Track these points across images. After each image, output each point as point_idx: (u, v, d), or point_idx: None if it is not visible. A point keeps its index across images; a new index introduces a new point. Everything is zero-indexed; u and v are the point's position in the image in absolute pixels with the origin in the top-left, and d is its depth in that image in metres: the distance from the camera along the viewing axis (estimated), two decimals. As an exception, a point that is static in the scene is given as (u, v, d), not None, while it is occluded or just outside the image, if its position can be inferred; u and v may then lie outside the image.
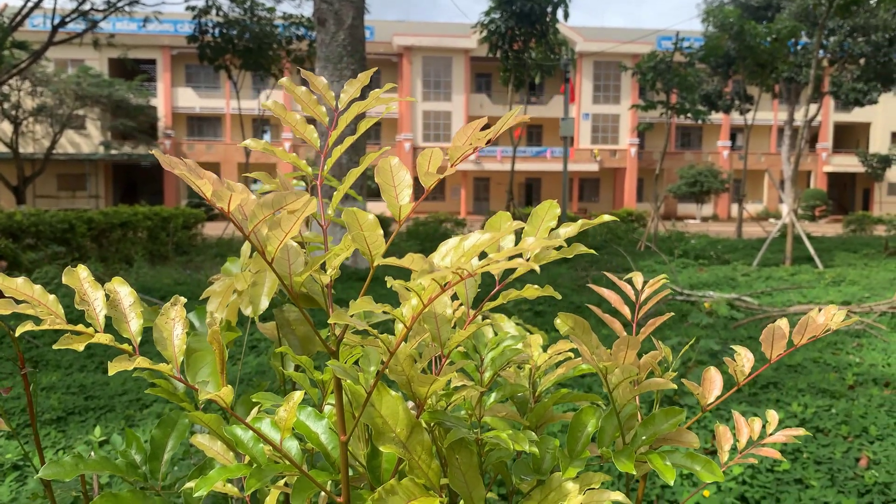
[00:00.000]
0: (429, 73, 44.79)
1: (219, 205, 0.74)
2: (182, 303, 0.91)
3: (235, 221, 0.79)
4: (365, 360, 0.94)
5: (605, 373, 1.02)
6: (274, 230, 0.80)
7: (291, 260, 0.93)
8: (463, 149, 0.85)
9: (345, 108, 1.11)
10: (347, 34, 10.71)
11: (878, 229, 26.98)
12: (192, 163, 0.77)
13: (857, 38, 30.74)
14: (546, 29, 21.44)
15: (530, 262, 0.71)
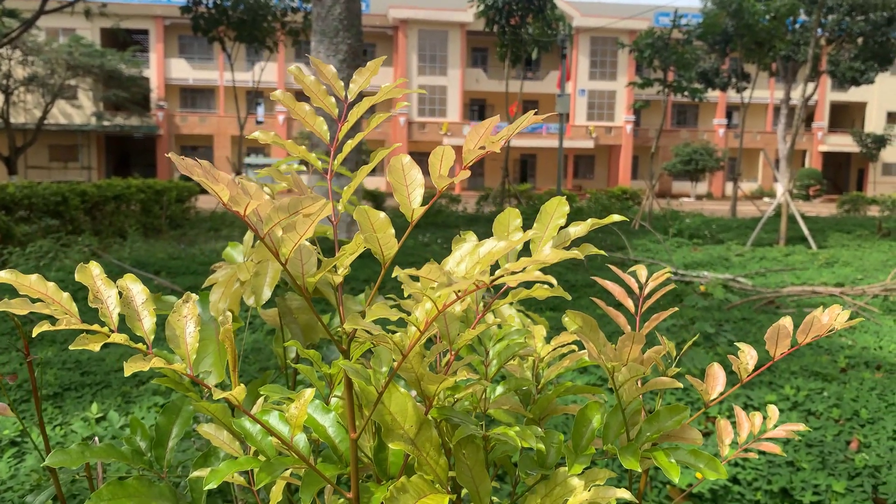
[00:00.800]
0: (424, 46, 44.45)
1: (235, 208, 0.74)
2: (194, 300, 0.91)
3: (250, 224, 0.79)
4: (376, 359, 0.94)
5: (612, 371, 1.03)
6: (289, 233, 0.80)
7: (304, 260, 0.93)
8: (475, 151, 0.85)
9: (356, 100, 1.11)
10: (343, 8, 10.60)
11: (872, 210, 27.08)
12: (208, 164, 0.77)
13: (855, 17, 30.62)
14: (543, 4, 21.26)
15: (547, 277, 0.71)
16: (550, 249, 0.75)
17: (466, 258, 0.78)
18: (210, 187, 0.72)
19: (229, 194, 0.73)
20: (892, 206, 25.14)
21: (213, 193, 0.74)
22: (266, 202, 0.78)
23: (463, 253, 0.80)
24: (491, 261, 0.75)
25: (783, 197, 14.44)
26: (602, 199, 23.41)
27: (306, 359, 2.19)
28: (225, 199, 0.73)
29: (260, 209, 0.80)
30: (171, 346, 0.88)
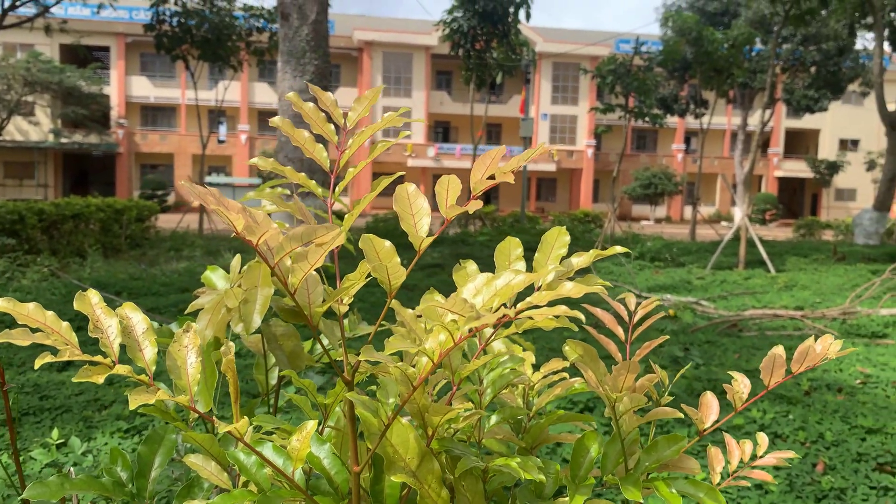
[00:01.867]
0: (389, 68, 44.62)
1: (248, 238, 0.72)
2: (195, 329, 0.89)
3: (261, 253, 0.78)
4: (382, 391, 0.93)
5: (614, 402, 1.03)
6: (300, 262, 0.79)
7: (311, 290, 0.92)
8: (484, 181, 0.85)
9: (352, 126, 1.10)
10: (311, 29, 10.61)
11: (827, 234, 27.73)
12: (217, 192, 0.76)
13: (808, 47, 31.56)
14: (508, 29, 21.52)
15: (575, 312, 0.71)
16: (574, 284, 0.75)
17: (483, 290, 0.78)
18: (224, 215, 0.70)
19: (243, 223, 0.71)
20: (846, 231, 25.79)
21: (227, 222, 0.72)
22: (277, 231, 0.77)
23: (478, 285, 0.80)
24: (510, 294, 0.74)
25: (742, 221, 14.72)
26: (565, 222, 23.62)
27: (286, 385, 2.14)
28: (239, 227, 0.71)
29: (270, 239, 0.79)
30: (172, 377, 0.86)
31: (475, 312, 0.69)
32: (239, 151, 44.33)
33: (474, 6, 20.65)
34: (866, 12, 21.72)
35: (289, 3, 10.47)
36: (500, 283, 0.76)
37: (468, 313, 0.70)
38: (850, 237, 24.28)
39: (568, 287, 0.73)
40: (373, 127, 1.03)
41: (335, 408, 1.17)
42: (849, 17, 23.76)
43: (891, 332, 7.32)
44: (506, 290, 0.75)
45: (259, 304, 1.32)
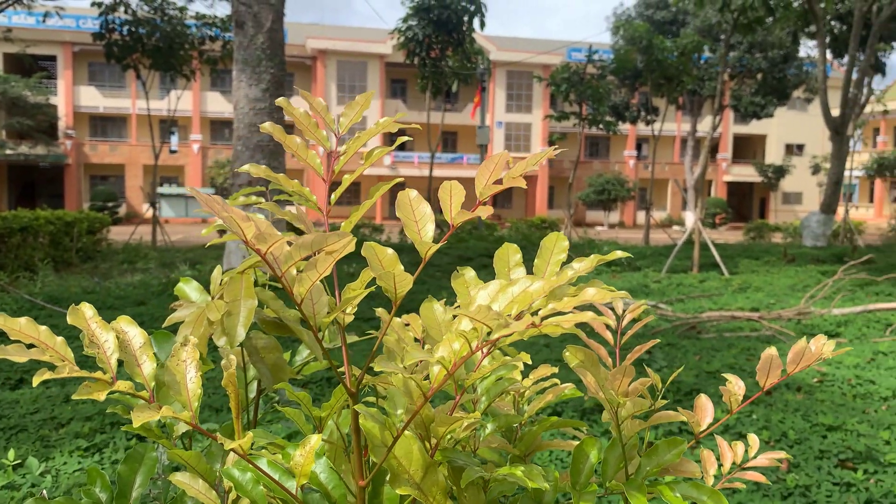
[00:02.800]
0: (343, 77, 44.46)
1: (258, 246, 0.70)
2: (193, 343, 0.85)
3: (269, 262, 0.75)
4: (390, 402, 0.91)
5: (616, 407, 1.03)
6: (308, 271, 0.77)
7: (315, 299, 0.90)
8: (490, 187, 0.83)
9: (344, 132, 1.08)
10: (266, 37, 10.50)
11: (776, 237, 28.39)
12: (221, 200, 0.73)
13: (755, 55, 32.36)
14: (463, 38, 21.62)
15: (602, 318, 0.70)
16: (596, 289, 0.74)
17: (499, 297, 0.76)
18: (237, 225, 0.68)
19: (254, 232, 0.69)
20: (794, 233, 26.44)
21: (235, 230, 0.70)
22: (283, 240, 0.74)
23: (492, 292, 0.78)
24: (529, 301, 0.73)
25: (695, 225, 14.97)
26: (522, 228, 23.78)
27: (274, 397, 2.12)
28: (249, 236, 0.69)
29: (276, 248, 0.76)
30: (172, 393, 0.83)
31: (503, 320, 0.68)
32: (192, 161, 43.68)
33: (429, 15, 20.70)
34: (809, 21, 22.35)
35: (244, 11, 10.35)
36: (516, 290, 0.75)
37: (493, 321, 0.68)
38: (798, 239, 24.90)
39: (591, 293, 0.72)
40: (369, 132, 1.02)
41: (328, 421, 1.15)
42: (793, 25, 24.43)
43: (843, 331, 7.51)
44: (524, 298, 0.73)
45: (243, 316, 1.28)
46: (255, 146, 10.42)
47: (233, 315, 1.26)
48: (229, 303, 1.29)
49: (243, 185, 10.40)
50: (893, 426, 4.44)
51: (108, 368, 0.78)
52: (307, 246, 0.73)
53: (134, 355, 0.82)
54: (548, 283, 0.73)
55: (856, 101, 21.56)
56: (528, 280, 0.76)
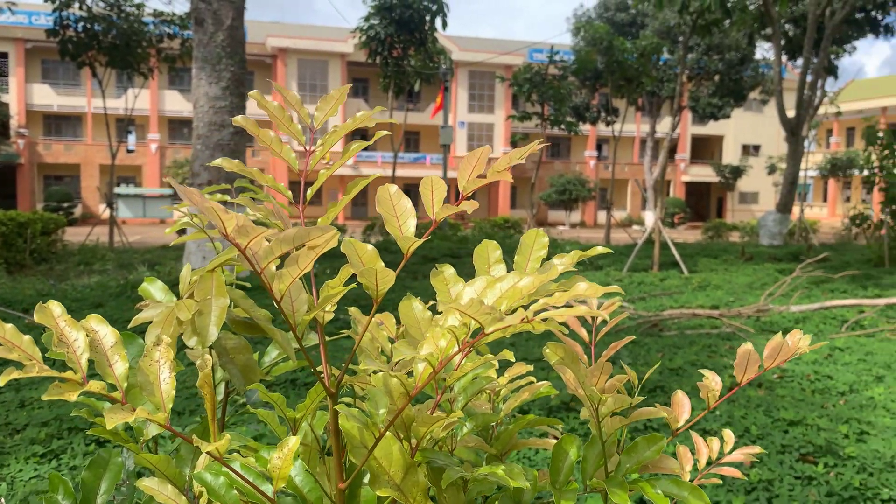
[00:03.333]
0: (304, 76, 44.12)
1: (238, 240, 0.67)
2: (167, 342, 0.82)
3: (248, 258, 0.73)
4: (371, 402, 0.89)
5: (597, 403, 1.02)
6: (289, 267, 0.74)
7: (294, 297, 0.87)
8: (476, 182, 0.82)
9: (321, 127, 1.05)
10: (227, 35, 10.37)
11: (733, 236, 28.88)
12: (196, 191, 0.71)
13: (712, 56, 32.88)
14: (425, 37, 21.60)
15: (598, 311, 0.69)
16: (588, 284, 0.73)
17: (487, 293, 0.75)
18: (217, 218, 0.65)
19: (234, 225, 0.66)
20: (751, 232, 26.93)
21: (216, 223, 0.67)
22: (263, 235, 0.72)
23: (478, 288, 0.77)
24: (519, 297, 0.71)
25: (656, 224, 15.15)
26: (486, 228, 23.84)
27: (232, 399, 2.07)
28: (229, 229, 0.66)
29: (254, 243, 0.74)
30: (145, 394, 0.80)
31: (498, 314, 0.66)
32: (149, 161, 42.96)
33: (391, 14, 20.65)
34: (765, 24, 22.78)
35: (203, 8, 10.20)
36: (505, 286, 0.74)
37: (485, 316, 0.67)
38: (755, 238, 25.37)
39: (583, 287, 0.71)
40: (346, 126, 0.99)
41: (303, 422, 1.12)
42: (749, 27, 24.88)
43: (801, 327, 7.64)
44: (513, 293, 0.72)
45: (215, 315, 1.25)
46: (216, 145, 10.28)
47: (204, 314, 1.23)
48: (200, 302, 1.26)
49: (203, 184, 10.25)
50: (851, 420, 4.53)
51: (78, 368, 0.75)
52: (289, 241, 0.71)
53: (105, 355, 0.78)
54: (537, 279, 0.72)
55: (810, 103, 22.03)
56: (515, 276, 0.75)
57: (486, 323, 0.67)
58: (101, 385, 0.71)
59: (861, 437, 4.27)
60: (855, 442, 4.18)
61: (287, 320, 0.83)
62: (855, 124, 51.79)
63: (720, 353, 6.44)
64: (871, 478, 3.66)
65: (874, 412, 4.83)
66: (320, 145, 1.01)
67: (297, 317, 0.85)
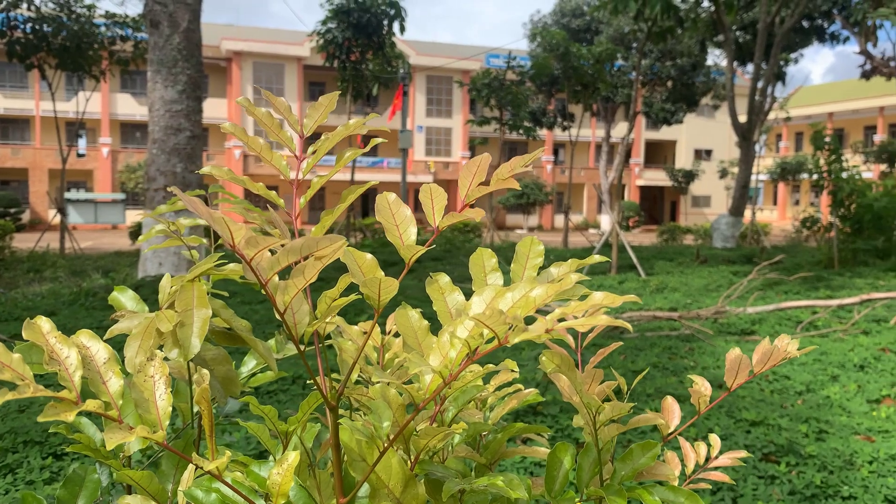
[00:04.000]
0: (260, 79, 43.67)
1: (245, 251, 0.65)
2: (160, 357, 0.80)
3: (254, 269, 0.70)
4: (374, 415, 0.87)
5: (595, 411, 1.02)
6: (295, 277, 0.72)
7: (295, 308, 0.85)
8: (477, 190, 0.81)
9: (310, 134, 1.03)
10: (183, 38, 10.20)
11: (687, 239, 29.36)
12: (200, 201, 0.68)
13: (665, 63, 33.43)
14: (383, 41, 21.54)
15: (621, 322, 0.68)
16: (604, 294, 0.72)
17: (498, 303, 0.73)
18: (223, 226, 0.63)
19: (243, 236, 0.64)
20: (705, 235, 27.42)
21: (221, 232, 0.65)
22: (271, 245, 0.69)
23: (487, 298, 0.75)
24: (532, 307, 0.70)
25: (613, 228, 15.33)
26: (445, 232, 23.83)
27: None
28: (237, 240, 0.64)
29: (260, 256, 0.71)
30: (140, 412, 0.77)
31: (521, 324, 0.65)
32: (101, 166, 42.06)
33: (349, 18, 20.54)
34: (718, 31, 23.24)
35: (159, 10, 10.02)
36: (516, 296, 0.72)
37: (502, 326, 0.65)
38: (708, 241, 25.82)
39: (599, 297, 0.70)
40: (338, 133, 0.97)
41: (294, 435, 1.10)
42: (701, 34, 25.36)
43: (758, 328, 7.81)
44: (526, 303, 0.71)
45: (197, 326, 1.21)
46: (172, 149, 10.11)
47: (186, 325, 1.19)
48: (181, 312, 1.22)
49: (159, 189, 10.07)
50: (811, 420, 4.63)
51: (71, 387, 0.71)
52: (296, 251, 0.69)
53: (98, 372, 0.75)
54: (552, 288, 0.71)
55: (761, 108, 22.53)
56: (527, 285, 0.74)
57: (501, 333, 0.66)
58: (98, 404, 0.68)
59: (820, 435, 4.36)
60: (815, 441, 4.27)
61: (290, 332, 0.81)
62: (803, 129, 53.18)
63: (680, 355, 6.54)
64: (831, 476, 3.74)
65: (831, 411, 4.94)
66: (312, 152, 0.99)
67: (298, 329, 0.83)
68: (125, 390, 0.76)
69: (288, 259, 0.69)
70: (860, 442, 4.25)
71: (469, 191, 0.84)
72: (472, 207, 0.82)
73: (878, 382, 5.60)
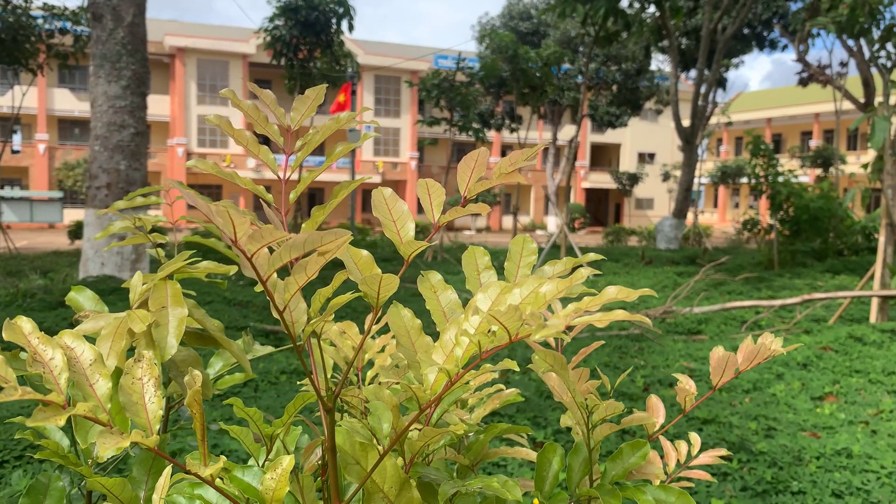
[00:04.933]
0: (204, 76, 42.87)
1: (248, 247, 0.62)
2: (149, 359, 0.75)
3: (254, 265, 0.67)
4: (374, 416, 0.83)
5: (589, 410, 1.00)
6: (296, 274, 0.69)
7: (292, 307, 0.81)
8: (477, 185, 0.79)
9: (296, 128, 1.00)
10: (127, 32, 9.93)
11: (632, 240, 29.85)
12: (197, 195, 0.64)
13: (610, 67, 33.95)
14: (331, 40, 21.37)
15: (639, 317, 0.67)
16: (618, 288, 0.70)
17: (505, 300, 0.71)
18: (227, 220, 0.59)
19: (245, 231, 0.61)
20: (649, 237, 27.93)
21: (224, 228, 0.61)
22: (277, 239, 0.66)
23: (492, 295, 0.73)
24: (543, 303, 0.69)
25: (562, 229, 15.50)
26: (392, 233, 23.73)
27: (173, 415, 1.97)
28: (240, 235, 0.61)
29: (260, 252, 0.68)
30: (129, 415, 0.72)
31: (540, 321, 0.63)
32: (37, 162, 40.73)
33: (296, 15, 20.31)
34: (663, 36, 23.70)
35: (102, 3, 9.74)
36: (524, 292, 0.70)
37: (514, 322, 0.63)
38: (652, 242, 26.31)
39: (612, 292, 0.69)
40: (328, 128, 0.94)
41: (277, 439, 1.06)
42: (647, 39, 25.82)
43: (704, 328, 7.97)
44: (535, 300, 0.69)
45: (173, 326, 1.17)
46: (115, 146, 9.84)
47: (161, 326, 1.15)
48: (155, 312, 1.17)
49: (102, 187, 9.79)
50: (760, 417, 4.73)
51: (57, 390, 0.67)
52: (299, 246, 0.66)
53: (84, 374, 0.71)
54: (562, 284, 0.69)
55: (703, 113, 23.05)
56: (535, 281, 0.72)
57: (513, 329, 0.64)
58: (88, 406, 0.64)
59: (769, 433, 4.47)
60: (764, 438, 4.37)
61: (288, 331, 0.77)
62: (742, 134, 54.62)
63: (630, 354, 6.63)
64: (781, 472, 3.83)
65: (778, 409, 5.07)
66: (300, 147, 0.96)
67: (296, 327, 0.80)
68: (113, 393, 0.72)
69: (290, 255, 0.66)
70: (807, 438, 4.36)
71: (469, 185, 0.81)
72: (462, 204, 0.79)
73: (821, 380, 5.76)
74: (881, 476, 3.80)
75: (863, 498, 3.55)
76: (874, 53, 8.20)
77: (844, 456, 4.06)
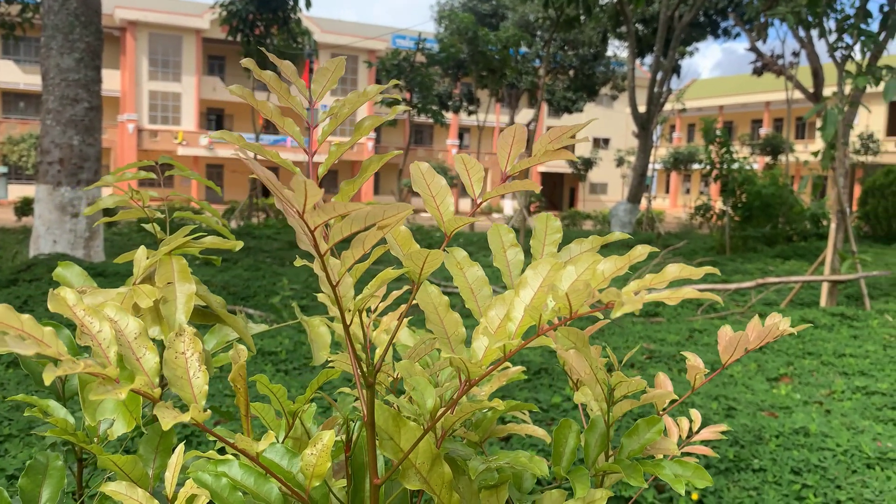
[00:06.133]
0: (156, 51, 41.85)
1: (311, 220, 0.61)
2: (190, 332, 0.74)
3: (316, 239, 0.66)
4: (417, 392, 0.83)
5: (613, 388, 1.02)
6: (354, 248, 0.68)
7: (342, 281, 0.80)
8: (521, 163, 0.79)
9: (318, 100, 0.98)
10: (80, 2, 9.62)
11: (587, 224, 30.20)
12: (262, 168, 0.63)
13: (567, 52, 34.12)
14: (288, 16, 21.05)
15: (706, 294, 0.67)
16: (680, 266, 0.71)
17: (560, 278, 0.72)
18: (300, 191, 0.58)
19: (309, 202, 0.60)
20: (603, 221, 28.29)
21: (287, 202, 0.60)
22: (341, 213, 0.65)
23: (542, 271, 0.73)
24: (601, 280, 0.69)
25: (521, 214, 15.60)
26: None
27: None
28: (308, 207, 0.60)
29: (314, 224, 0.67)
30: (175, 390, 0.71)
31: (620, 297, 0.63)
32: (-19, 138, 39.36)
33: (253, -9, 19.96)
34: (620, 22, 23.87)
35: (53, -29, 9.41)
36: (580, 269, 0.71)
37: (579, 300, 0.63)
38: (607, 227, 26.64)
39: (674, 270, 0.70)
40: (356, 99, 0.93)
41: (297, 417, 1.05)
42: (604, 25, 26.00)
43: (660, 310, 8.12)
44: (595, 277, 0.69)
45: (181, 302, 1.15)
46: (68, 121, 9.56)
47: (169, 301, 1.13)
48: (162, 288, 1.15)
49: (54, 162, 9.52)
50: (720, 397, 4.85)
51: (106, 363, 0.65)
52: (360, 220, 0.65)
53: (130, 347, 0.69)
54: (620, 262, 0.70)
55: (659, 100, 23.33)
56: (590, 257, 0.72)
57: (577, 306, 0.65)
58: (145, 380, 0.63)
59: (729, 412, 4.58)
60: (725, 417, 4.48)
61: (338, 304, 0.76)
62: (695, 121, 55.50)
63: (593, 336, 6.72)
64: (743, 450, 3.94)
65: (736, 389, 5.20)
66: (326, 119, 0.94)
67: (345, 302, 0.79)
68: (160, 367, 0.70)
69: (352, 228, 0.65)
70: (766, 418, 4.49)
71: (509, 161, 0.81)
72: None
73: (776, 362, 5.92)
74: (837, 454, 3.93)
75: (820, 474, 3.67)
76: (832, 45, 8.38)
77: (802, 435, 4.18)
